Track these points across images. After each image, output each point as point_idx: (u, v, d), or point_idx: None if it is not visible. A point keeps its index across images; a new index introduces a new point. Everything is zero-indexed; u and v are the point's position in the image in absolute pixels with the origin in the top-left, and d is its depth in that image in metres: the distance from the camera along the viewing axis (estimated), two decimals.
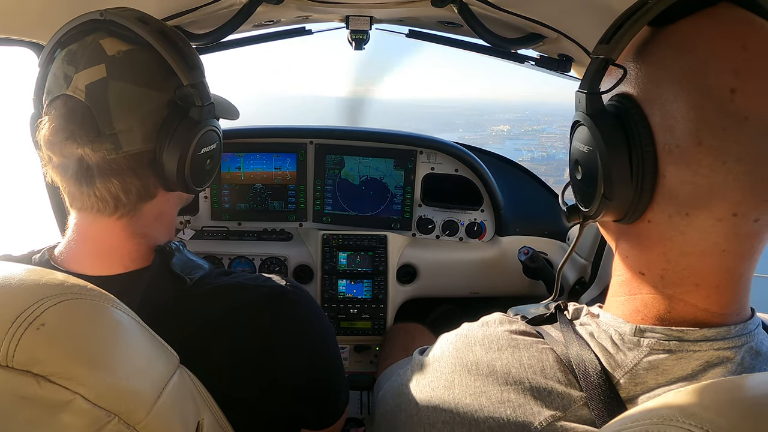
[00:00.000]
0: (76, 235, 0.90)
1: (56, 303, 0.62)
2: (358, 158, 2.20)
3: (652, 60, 0.63)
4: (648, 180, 0.62)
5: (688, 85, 0.59)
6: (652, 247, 0.66)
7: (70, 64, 0.84)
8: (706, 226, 0.60)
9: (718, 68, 0.57)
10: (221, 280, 0.93)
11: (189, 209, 2.20)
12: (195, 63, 0.90)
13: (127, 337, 0.68)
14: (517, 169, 2.45)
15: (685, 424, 0.44)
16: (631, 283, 0.70)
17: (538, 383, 0.70)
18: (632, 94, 0.64)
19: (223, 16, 1.48)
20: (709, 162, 0.58)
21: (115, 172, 0.86)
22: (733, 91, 0.56)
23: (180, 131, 0.89)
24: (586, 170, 0.69)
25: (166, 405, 0.69)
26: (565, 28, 1.39)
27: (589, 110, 0.65)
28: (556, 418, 0.66)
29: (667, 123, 0.60)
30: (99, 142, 0.83)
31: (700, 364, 0.62)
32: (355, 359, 2.14)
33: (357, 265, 2.09)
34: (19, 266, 0.67)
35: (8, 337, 0.57)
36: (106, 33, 0.86)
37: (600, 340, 0.69)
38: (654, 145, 0.61)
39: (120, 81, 0.84)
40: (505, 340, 0.77)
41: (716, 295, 0.64)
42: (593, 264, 1.83)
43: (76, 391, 0.59)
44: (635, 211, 0.65)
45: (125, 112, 0.84)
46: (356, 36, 1.83)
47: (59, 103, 0.84)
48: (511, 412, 0.70)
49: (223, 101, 1.14)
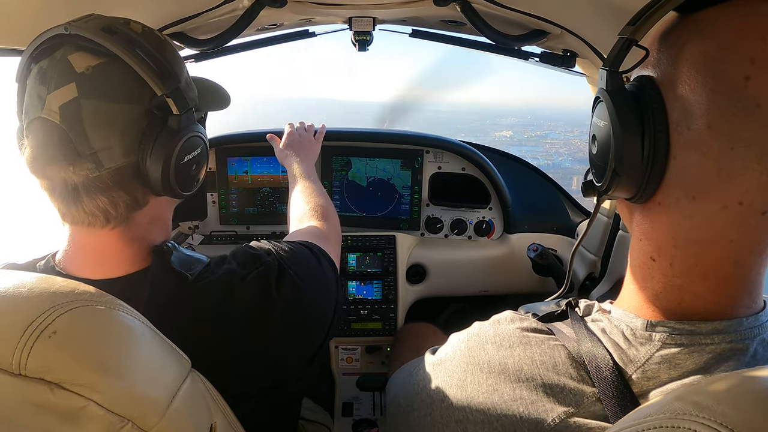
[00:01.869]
0: (72, 245, 0.90)
1: (67, 310, 0.62)
2: (365, 159, 2.20)
3: (674, 44, 0.64)
4: (659, 160, 0.63)
5: (703, 69, 0.59)
6: (662, 231, 0.66)
7: (42, 83, 0.82)
8: (712, 212, 0.60)
9: (735, 55, 0.57)
10: (218, 271, 0.94)
11: (197, 214, 2.20)
12: (169, 70, 0.88)
13: (138, 342, 0.69)
14: (523, 166, 2.44)
15: (698, 417, 0.44)
16: (643, 269, 0.70)
17: (550, 380, 0.69)
18: (652, 75, 0.65)
19: (225, 21, 1.48)
20: (718, 146, 0.58)
21: (101, 189, 0.85)
22: (748, 78, 0.56)
23: (160, 142, 0.87)
24: (601, 145, 0.70)
25: (179, 409, 0.69)
26: (568, 24, 1.38)
27: (608, 87, 0.67)
28: (569, 414, 0.66)
29: (681, 105, 0.61)
30: (79, 163, 0.81)
31: (713, 357, 0.62)
32: (366, 360, 2.14)
33: (366, 266, 2.09)
34: (28, 275, 0.68)
35: (20, 345, 0.58)
36: (74, 47, 0.83)
37: (612, 336, 0.69)
38: (667, 125, 0.62)
39: (93, 99, 0.81)
40: (516, 338, 0.77)
41: (725, 288, 0.64)
42: (603, 259, 1.82)
43: (89, 397, 0.59)
44: (645, 190, 0.65)
45: (102, 130, 0.82)
46: (360, 37, 1.83)
47: (36, 126, 0.82)
48: (523, 410, 0.69)
49: (210, 89, 1.08)
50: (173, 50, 0.94)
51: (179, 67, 0.93)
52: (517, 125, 62.07)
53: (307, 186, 1.51)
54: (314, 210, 1.38)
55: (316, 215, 1.36)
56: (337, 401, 2.12)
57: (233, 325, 0.90)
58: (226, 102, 1.13)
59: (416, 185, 2.18)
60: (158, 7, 1.34)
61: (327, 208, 1.42)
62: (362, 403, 2.11)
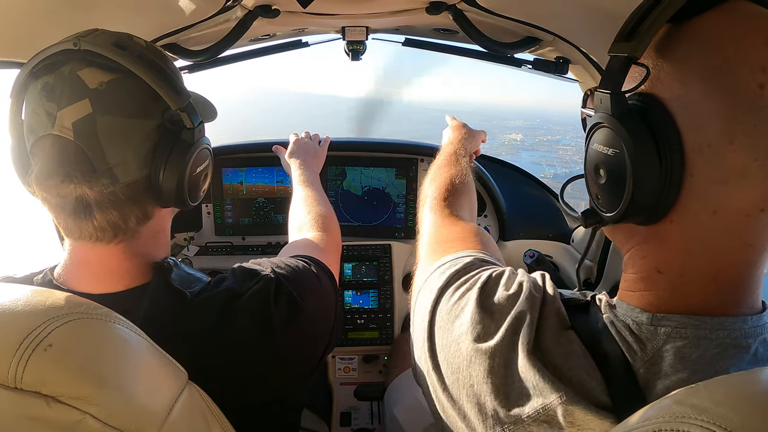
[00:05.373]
0: (74, 259, 0.89)
1: (63, 323, 0.62)
2: (359, 168, 2.20)
3: (676, 58, 0.63)
4: (676, 180, 0.61)
5: (717, 84, 0.58)
6: (673, 246, 0.65)
7: (50, 100, 0.80)
8: (733, 223, 0.60)
9: (745, 66, 0.57)
10: (217, 289, 0.93)
11: (192, 225, 2.20)
12: (180, 84, 0.88)
13: (134, 354, 0.68)
14: (517, 173, 2.45)
15: (697, 420, 0.44)
16: (647, 280, 0.69)
17: (560, 366, 0.69)
18: (654, 93, 0.64)
19: (219, 32, 1.49)
20: (741, 159, 0.57)
21: (114, 204, 0.84)
22: (762, 86, 0.56)
23: (174, 156, 0.87)
24: (612, 174, 0.67)
25: (176, 422, 0.68)
26: (560, 31, 1.39)
27: (614, 111, 0.64)
28: (574, 400, 0.65)
29: (696, 122, 0.60)
30: (95, 179, 0.81)
31: (717, 353, 0.62)
32: (363, 369, 2.13)
33: (362, 276, 2.09)
34: (24, 288, 0.67)
35: (16, 359, 0.57)
36: (83, 63, 0.82)
37: (619, 330, 0.69)
38: (681, 144, 0.61)
39: (107, 115, 0.81)
40: None
41: (732, 288, 0.64)
42: (599, 265, 1.82)
43: (85, 410, 0.59)
44: (660, 212, 0.64)
45: (117, 145, 0.82)
46: (353, 47, 1.84)
47: (47, 143, 0.81)
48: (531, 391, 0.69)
49: (200, 103, 1.07)
50: (173, 64, 0.94)
51: (183, 81, 0.94)
52: (525, 128, 61.34)
53: (309, 194, 1.51)
54: (315, 220, 1.38)
55: (317, 225, 1.36)
56: (335, 411, 2.12)
57: (232, 340, 0.89)
58: (215, 115, 1.14)
59: (411, 194, 2.18)
60: (153, 18, 1.34)
61: (328, 217, 1.42)
62: (360, 412, 2.10)
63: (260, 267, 1.02)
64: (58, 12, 1.13)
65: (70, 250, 0.89)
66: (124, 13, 1.26)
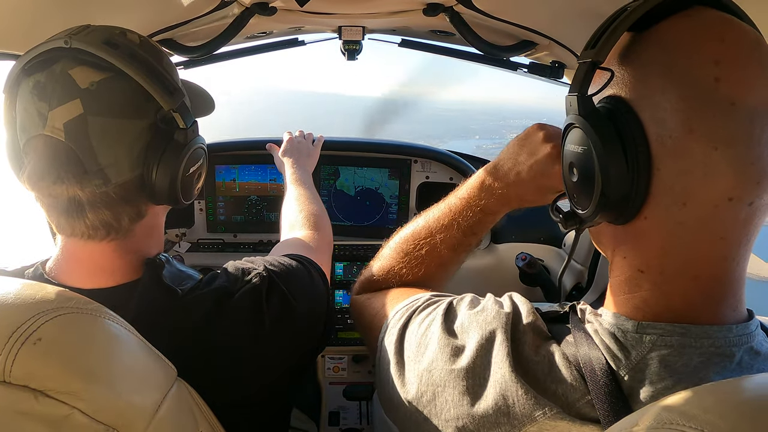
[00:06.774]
0: (65, 254, 0.89)
1: (52, 317, 0.61)
2: (353, 168, 2.20)
3: (638, 61, 0.66)
4: (643, 175, 0.64)
5: (674, 78, 0.61)
6: (650, 244, 0.67)
7: (41, 99, 0.79)
8: (704, 214, 0.62)
9: (700, 60, 0.60)
10: (208, 286, 0.93)
11: (184, 222, 2.19)
12: (173, 83, 0.87)
13: (124, 350, 0.68)
14: None
15: (685, 427, 0.44)
16: (630, 282, 0.70)
17: (544, 379, 0.69)
18: (620, 94, 0.67)
19: (215, 29, 1.48)
20: (701, 148, 0.60)
21: (106, 203, 0.84)
22: (717, 79, 0.59)
23: (167, 156, 0.87)
24: (582, 170, 0.70)
25: (165, 418, 0.68)
26: (556, 35, 1.40)
27: (581, 111, 0.67)
28: (558, 413, 0.66)
29: (657, 116, 0.62)
30: (87, 180, 0.81)
31: (702, 361, 0.63)
32: (353, 369, 2.13)
33: (354, 276, 2.09)
34: (14, 281, 0.67)
35: (5, 352, 0.57)
36: (74, 61, 0.81)
37: (604, 338, 0.69)
38: (646, 139, 0.63)
39: (99, 116, 0.80)
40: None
41: (713, 285, 0.65)
42: (590, 269, 1.83)
43: (74, 405, 0.59)
44: (632, 208, 0.66)
45: (109, 146, 0.82)
46: (349, 46, 1.84)
47: (38, 143, 0.80)
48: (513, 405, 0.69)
49: (197, 94, 1.06)
50: (169, 60, 0.93)
51: (177, 78, 0.93)
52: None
53: (301, 193, 1.51)
54: (307, 218, 1.38)
55: (308, 223, 1.36)
56: (324, 410, 2.11)
57: (223, 338, 0.89)
58: (212, 107, 1.12)
59: (404, 195, 2.19)
60: (149, 13, 1.33)
61: (320, 216, 1.42)
62: (349, 412, 2.10)
63: (253, 265, 1.01)
64: (54, 4, 1.12)
65: (62, 245, 0.89)
66: (120, 6, 1.25)
